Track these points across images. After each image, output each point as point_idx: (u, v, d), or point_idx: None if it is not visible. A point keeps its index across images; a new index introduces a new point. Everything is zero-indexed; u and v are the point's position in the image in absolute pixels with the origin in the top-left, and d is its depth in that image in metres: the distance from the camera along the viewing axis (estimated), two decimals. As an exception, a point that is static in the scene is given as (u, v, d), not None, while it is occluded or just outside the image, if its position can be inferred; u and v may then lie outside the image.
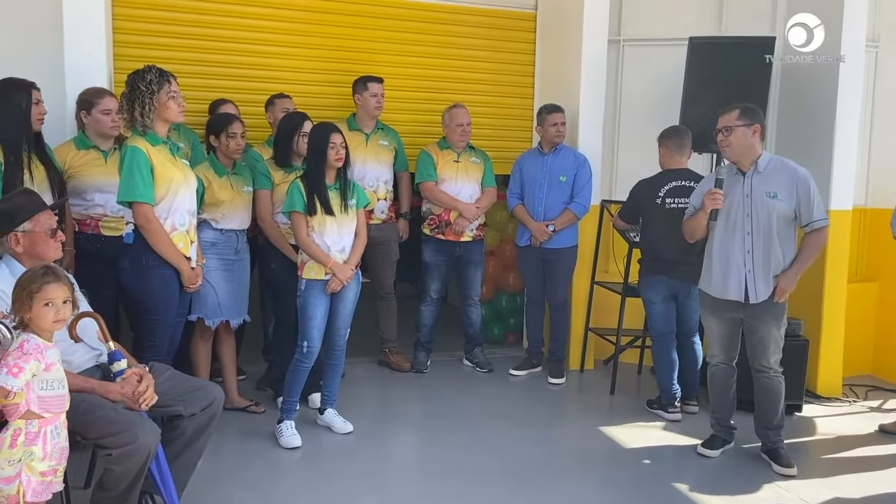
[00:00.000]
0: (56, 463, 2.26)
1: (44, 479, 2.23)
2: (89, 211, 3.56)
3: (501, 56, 5.23)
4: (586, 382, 4.91)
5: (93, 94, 3.60)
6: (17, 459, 2.19)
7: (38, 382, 2.20)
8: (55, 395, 2.24)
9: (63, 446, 2.29)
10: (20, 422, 2.20)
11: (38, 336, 2.23)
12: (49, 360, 2.22)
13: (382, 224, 4.63)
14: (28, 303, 2.22)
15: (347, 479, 3.32)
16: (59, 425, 2.26)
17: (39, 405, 2.20)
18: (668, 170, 4.20)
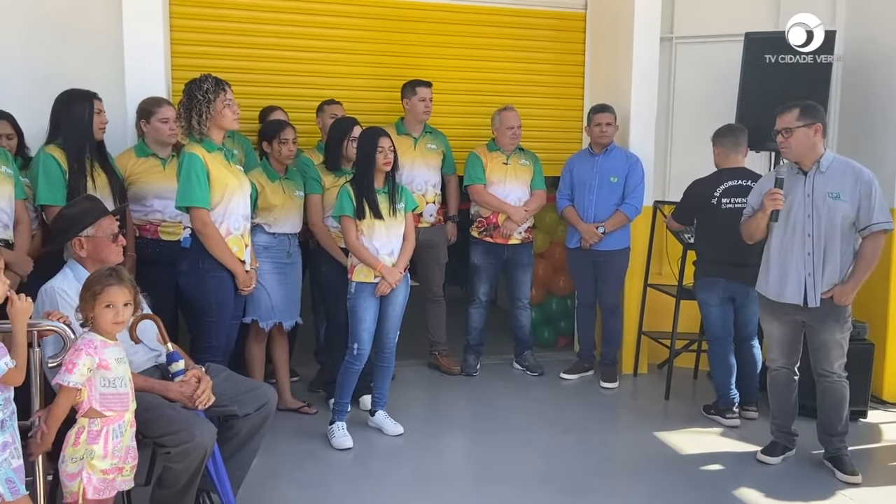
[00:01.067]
0: (119, 462, 2.32)
1: (105, 477, 2.29)
2: (149, 216, 3.67)
3: (551, 57, 5.20)
4: (640, 387, 4.83)
5: (152, 104, 3.71)
6: (79, 457, 2.27)
7: (99, 380, 2.27)
8: (117, 393, 2.31)
9: (129, 445, 2.36)
10: (84, 420, 2.28)
11: (98, 335, 2.30)
12: (105, 357, 2.28)
13: (431, 227, 4.65)
14: (91, 303, 2.31)
15: (398, 480, 3.33)
16: (122, 424, 2.33)
17: (101, 403, 2.28)
18: (724, 169, 4.10)
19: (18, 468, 2.16)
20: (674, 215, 4.35)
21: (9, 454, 2.13)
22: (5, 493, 2.11)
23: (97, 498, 2.30)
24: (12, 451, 2.15)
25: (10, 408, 2.16)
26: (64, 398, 2.25)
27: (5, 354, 2.09)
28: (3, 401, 2.12)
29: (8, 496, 2.11)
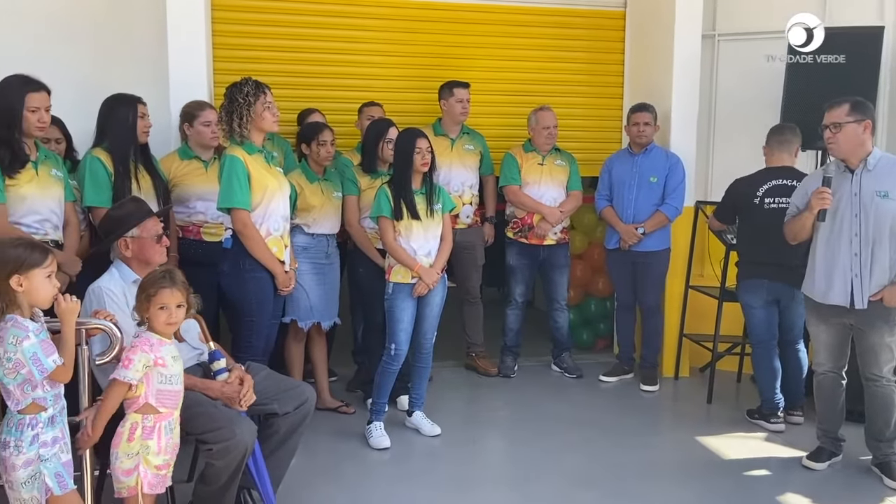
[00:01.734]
0: (169, 457, 2.38)
1: (158, 473, 2.35)
2: (191, 218, 3.74)
3: (589, 56, 5.16)
4: (681, 390, 4.75)
5: (195, 107, 3.79)
6: (134, 452, 2.32)
7: (157, 376, 2.33)
8: (172, 390, 2.37)
9: (175, 442, 2.42)
10: (136, 416, 2.33)
11: (154, 333, 2.36)
12: (162, 354, 2.34)
13: (468, 228, 4.64)
14: (146, 304, 2.37)
15: (435, 481, 3.34)
16: (172, 421, 2.39)
17: (157, 399, 2.34)
18: (768, 168, 4.01)
19: (67, 463, 2.22)
20: (715, 214, 4.27)
21: (58, 449, 2.19)
22: (54, 488, 2.17)
23: (151, 493, 2.36)
24: (62, 446, 2.21)
25: (60, 403, 2.22)
26: (116, 393, 2.30)
27: (54, 352, 2.15)
28: (53, 397, 2.18)
29: (57, 490, 2.17)
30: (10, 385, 2.13)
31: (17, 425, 2.14)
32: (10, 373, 2.11)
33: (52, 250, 2.25)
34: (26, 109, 2.93)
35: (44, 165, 3.08)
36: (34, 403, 2.14)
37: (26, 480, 2.14)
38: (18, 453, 2.12)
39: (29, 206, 2.99)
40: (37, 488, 2.15)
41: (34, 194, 3.00)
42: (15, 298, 2.13)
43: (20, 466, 2.13)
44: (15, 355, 2.09)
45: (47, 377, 2.13)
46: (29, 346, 2.09)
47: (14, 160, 2.93)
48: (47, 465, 2.15)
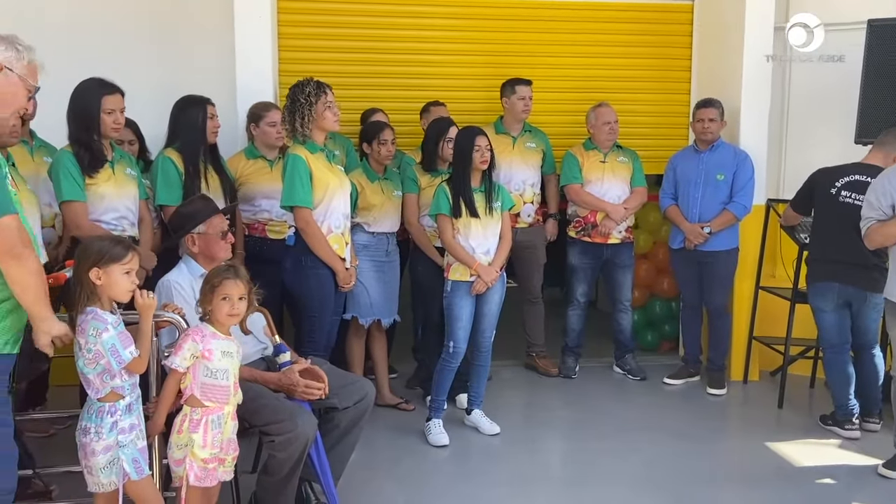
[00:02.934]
0: (220, 452, 2.40)
1: (206, 466, 2.38)
2: (257, 216, 3.84)
3: (655, 51, 5.03)
4: (750, 395, 4.59)
5: (261, 108, 3.89)
6: (183, 444, 2.38)
7: (202, 370, 2.37)
8: (218, 384, 2.39)
9: (229, 438, 2.43)
10: (187, 408, 2.39)
11: (211, 326, 2.42)
12: (211, 347, 2.38)
13: (529, 228, 4.60)
14: (210, 296, 2.44)
15: (494, 480, 3.33)
16: (221, 416, 2.40)
17: (202, 392, 2.37)
18: (856, 162, 3.82)
19: (143, 449, 2.31)
20: (792, 203, 4.09)
21: (135, 435, 2.28)
22: (131, 473, 2.25)
23: (198, 485, 2.39)
24: (138, 433, 2.29)
25: (136, 392, 2.31)
26: (171, 380, 2.38)
27: (131, 344, 2.23)
28: (130, 386, 2.27)
29: (134, 475, 2.26)
30: (90, 374, 2.22)
31: (97, 412, 2.24)
32: (90, 363, 2.21)
33: (134, 248, 2.34)
34: (103, 112, 3.07)
35: (119, 165, 3.22)
36: (112, 392, 2.24)
37: (105, 465, 2.23)
38: (98, 439, 2.22)
39: (107, 204, 3.14)
40: (115, 473, 2.23)
41: (111, 193, 3.15)
42: (95, 291, 2.22)
43: (100, 452, 2.22)
44: (95, 346, 2.18)
45: (124, 368, 2.22)
46: (108, 338, 2.18)
47: (93, 160, 3.09)
48: (125, 450, 2.24)
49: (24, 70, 2.13)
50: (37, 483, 2.83)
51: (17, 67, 2.11)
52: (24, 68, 2.13)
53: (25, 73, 2.13)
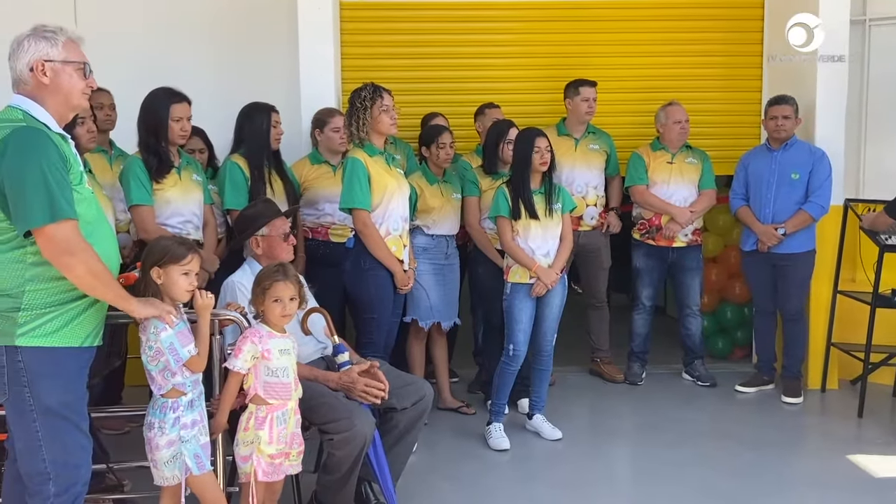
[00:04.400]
0: (285, 447, 2.47)
1: (272, 462, 2.45)
2: (321, 220, 3.91)
3: (724, 48, 4.88)
4: (828, 403, 4.37)
5: (325, 114, 3.97)
6: (249, 441, 2.45)
7: (264, 370, 2.44)
8: (280, 382, 2.46)
9: (293, 432, 2.50)
10: (252, 406, 2.46)
11: (266, 326, 2.48)
12: (269, 347, 2.44)
13: (592, 231, 4.52)
14: (261, 297, 2.50)
15: (555, 485, 3.27)
16: (286, 412, 2.47)
17: (265, 391, 2.44)
18: None
19: (205, 445, 2.37)
20: (888, 209, 3.87)
21: (197, 431, 2.34)
22: (193, 467, 2.32)
23: (266, 480, 2.46)
24: (200, 429, 2.36)
25: (198, 388, 2.38)
26: (232, 381, 2.45)
27: (190, 343, 2.30)
28: (191, 382, 2.34)
29: (195, 470, 2.32)
30: (153, 371, 2.31)
31: (160, 408, 2.32)
32: (153, 360, 2.29)
33: (196, 250, 2.41)
34: (170, 119, 3.19)
35: (185, 171, 3.34)
36: (174, 388, 2.31)
37: (168, 460, 2.30)
38: (162, 434, 2.30)
39: (173, 209, 3.26)
40: (177, 467, 2.31)
41: (177, 198, 3.27)
42: (158, 290, 2.31)
43: (163, 446, 2.30)
44: (155, 344, 2.26)
45: (183, 365, 2.29)
46: (167, 336, 2.25)
47: (160, 166, 3.21)
48: (187, 445, 2.30)
49: (62, 54, 2.11)
50: (110, 478, 2.95)
51: (55, 55, 2.10)
52: (63, 51, 2.11)
53: (66, 55, 2.11)
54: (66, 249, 2.01)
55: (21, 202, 1.98)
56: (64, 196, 2.02)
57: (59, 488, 2.12)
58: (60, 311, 2.09)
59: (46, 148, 2.03)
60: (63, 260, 2.02)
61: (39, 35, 2.12)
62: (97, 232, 2.16)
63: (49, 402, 2.09)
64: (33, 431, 2.10)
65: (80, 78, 2.15)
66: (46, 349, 2.07)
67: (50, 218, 1.98)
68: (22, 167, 1.98)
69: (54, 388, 2.10)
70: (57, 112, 2.14)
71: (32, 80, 2.10)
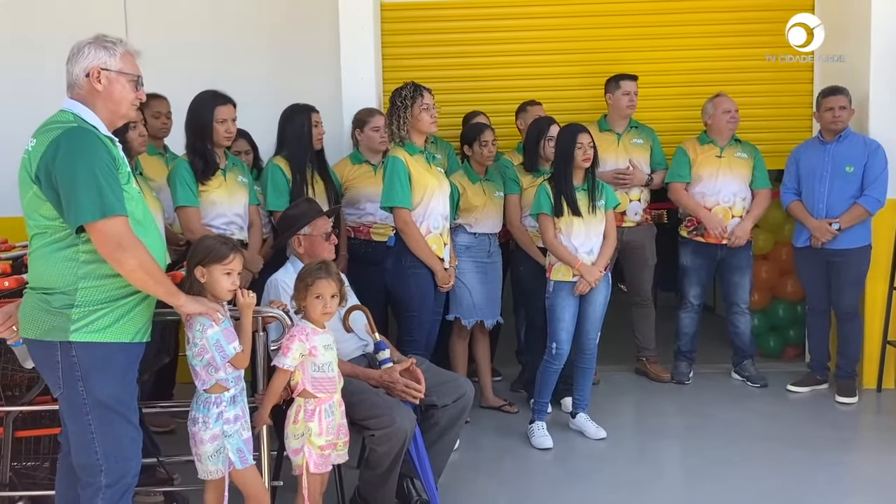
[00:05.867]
0: (333, 437, 2.53)
1: (322, 453, 2.51)
2: (362, 219, 3.95)
3: (770, 40, 4.75)
4: (885, 403, 4.22)
5: (365, 114, 4.01)
6: (300, 434, 2.50)
7: (311, 366, 2.49)
8: (326, 377, 2.52)
9: (340, 423, 2.56)
10: (300, 399, 2.52)
11: (308, 323, 2.52)
12: (314, 343, 2.49)
13: (636, 227, 4.45)
14: (304, 293, 2.54)
15: (599, 484, 3.24)
16: (332, 405, 2.53)
17: (313, 385, 2.50)
18: None
19: (248, 440, 2.42)
20: None
21: (240, 426, 2.39)
22: (236, 462, 2.37)
23: (317, 471, 2.52)
24: (243, 424, 2.41)
25: (240, 384, 2.43)
26: (279, 378, 2.50)
27: (235, 340, 2.35)
28: (234, 378, 2.39)
29: (238, 464, 2.38)
30: (197, 367, 2.36)
31: (204, 403, 2.37)
32: (197, 356, 2.34)
33: (239, 250, 2.46)
34: (215, 121, 3.26)
35: (231, 172, 3.41)
36: (217, 384, 2.36)
37: (212, 454, 2.36)
38: (206, 429, 2.35)
39: (218, 210, 3.33)
40: (221, 461, 2.36)
41: (222, 199, 3.34)
42: (202, 288, 2.36)
43: (207, 441, 2.35)
44: (201, 341, 2.31)
45: (228, 362, 2.34)
46: (213, 333, 2.30)
47: (206, 168, 3.28)
48: (230, 440, 2.36)
49: (119, 64, 2.18)
50: (160, 471, 3.02)
51: (111, 64, 2.18)
52: (119, 62, 2.19)
53: (122, 67, 2.19)
54: (118, 244, 2.07)
55: (73, 199, 2.04)
56: (114, 193, 2.08)
57: (111, 480, 2.18)
58: (112, 308, 2.15)
59: (96, 147, 2.10)
60: (115, 255, 2.08)
61: (100, 44, 2.20)
62: (146, 230, 2.22)
63: (101, 396, 2.15)
64: (86, 424, 2.17)
65: (132, 90, 2.23)
66: (99, 344, 2.13)
67: (101, 213, 2.04)
68: (73, 165, 2.05)
69: (106, 383, 2.16)
70: (106, 118, 2.21)
71: (87, 85, 2.18)
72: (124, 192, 2.14)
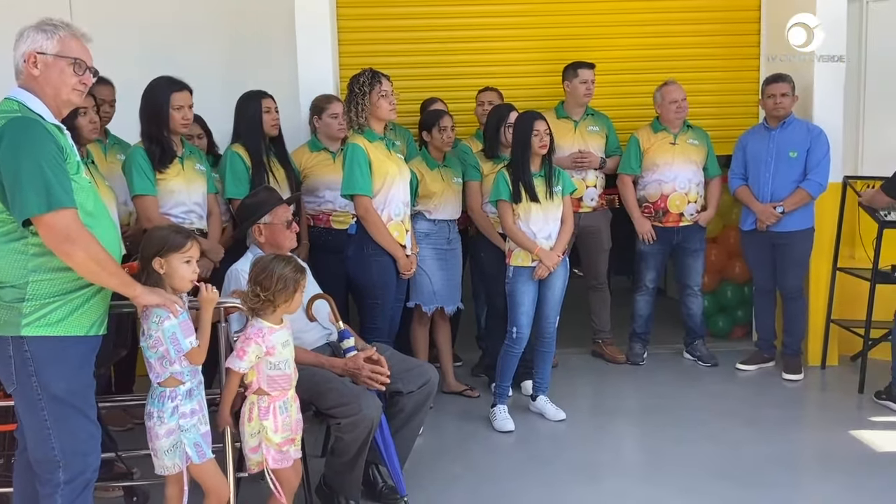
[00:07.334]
0: (290, 433, 2.49)
1: (280, 449, 2.47)
2: (321, 207, 3.91)
3: (720, 28, 4.87)
4: (829, 380, 4.41)
5: (323, 101, 3.97)
6: (256, 432, 2.46)
7: (266, 365, 2.44)
8: (282, 374, 2.48)
9: (295, 419, 2.51)
10: (253, 397, 2.46)
11: (265, 322, 2.47)
12: (271, 344, 2.44)
13: (592, 212, 4.53)
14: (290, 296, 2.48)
15: (560, 465, 3.31)
16: (287, 401, 2.48)
17: (268, 384, 2.45)
18: None
19: (206, 434, 2.37)
20: (885, 187, 3.86)
21: (197, 420, 2.34)
22: (193, 457, 2.32)
23: (277, 467, 2.48)
24: (200, 418, 2.36)
25: (197, 378, 2.38)
26: (233, 379, 2.46)
27: (192, 334, 2.30)
28: (189, 372, 2.33)
29: (196, 459, 2.33)
30: (151, 359, 2.30)
31: (158, 397, 2.32)
32: (152, 348, 2.28)
33: (195, 237, 2.41)
34: (171, 108, 3.18)
35: (189, 160, 3.34)
36: (172, 377, 2.31)
37: (168, 449, 2.31)
38: (161, 423, 2.30)
39: (176, 199, 3.26)
40: (178, 456, 2.32)
41: (181, 187, 3.27)
42: (160, 280, 2.31)
43: (163, 435, 2.30)
44: (156, 333, 2.26)
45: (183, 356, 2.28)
46: (169, 325, 2.25)
47: (163, 156, 3.21)
48: (187, 435, 2.31)
49: (56, 48, 2.10)
50: (119, 466, 2.97)
51: (48, 48, 2.09)
52: (57, 45, 2.10)
53: (60, 50, 2.10)
54: (65, 237, 2.01)
55: (18, 192, 1.98)
56: (61, 185, 2.02)
57: (69, 475, 2.14)
58: (65, 301, 2.10)
59: (42, 138, 2.03)
60: (63, 247, 2.02)
61: (39, 27, 2.12)
62: (98, 221, 2.17)
63: (56, 391, 2.10)
64: (42, 420, 2.12)
65: (72, 74, 2.14)
66: (52, 338, 2.09)
67: (47, 206, 1.98)
68: (17, 157, 1.98)
69: (61, 377, 2.11)
70: (51, 105, 2.13)
71: (25, 70, 2.11)
72: (73, 182, 2.08)
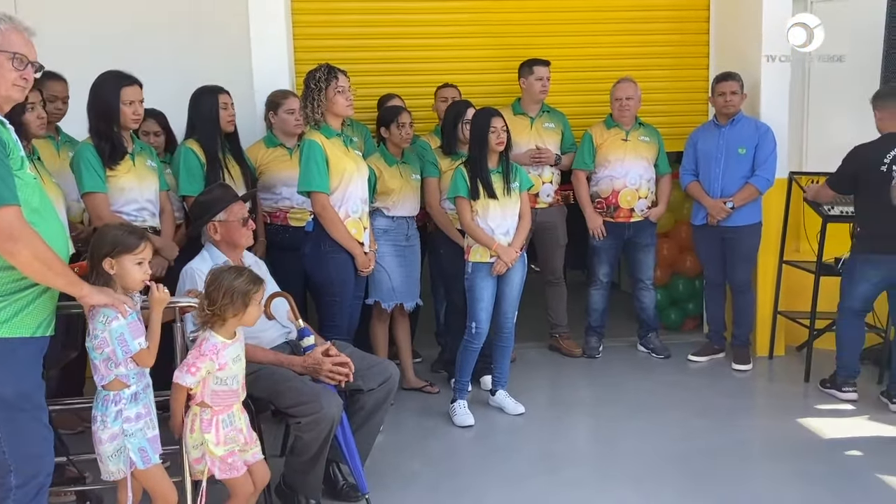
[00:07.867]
0: (233, 446, 2.41)
1: (225, 461, 2.39)
2: (278, 204, 3.87)
3: (672, 27, 4.96)
4: (776, 370, 4.56)
5: (278, 96, 3.92)
6: (198, 443, 2.39)
7: (214, 380, 2.38)
8: (228, 389, 2.41)
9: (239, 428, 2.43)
10: (196, 408, 2.40)
11: (218, 336, 2.40)
12: (223, 359, 2.38)
13: (549, 208, 4.58)
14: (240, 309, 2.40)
15: (520, 458, 3.35)
16: (231, 414, 2.42)
17: (212, 399, 2.38)
18: (891, 133, 3.73)
19: (153, 438, 2.31)
20: (830, 182, 3.99)
21: (143, 424, 2.28)
22: (137, 462, 2.26)
23: (226, 477, 2.41)
24: (147, 422, 2.30)
25: (144, 381, 2.32)
26: (180, 394, 2.39)
27: (141, 335, 2.23)
28: (135, 375, 2.27)
29: (140, 464, 2.26)
30: (96, 360, 2.24)
31: (102, 401, 2.25)
32: (97, 349, 2.22)
33: (149, 238, 2.36)
34: (122, 103, 3.09)
35: (140, 157, 3.26)
36: (117, 380, 2.24)
37: (112, 454, 2.25)
38: (104, 428, 2.24)
39: (128, 197, 3.18)
40: (122, 462, 2.25)
41: (132, 185, 3.18)
42: (110, 280, 2.25)
43: (106, 440, 2.24)
44: (102, 334, 2.19)
45: (131, 358, 2.22)
46: (117, 326, 2.18)
47: (113, 152, 3.12)
48: (131, 440, 2.25)
49: None
50: (70, 470, 2.89)
51: None
52: None
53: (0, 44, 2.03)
54: (9, 236, 1.94)
55: None
56: (3, 181, 1.95)
57: (21, 480, 2.08)
58: (9, 301, 2.03)
59: None
60: (6, 246, 1.96)
61: None
62: (43, 219, 2.11)
63: (4, 393, 2.04)
64: None
65: (12, 69, 2.06)
66: None
67: None
68: None
69: (8, 379, 2.04)
70: None
71: None
72: (17, 178, 2.01)
